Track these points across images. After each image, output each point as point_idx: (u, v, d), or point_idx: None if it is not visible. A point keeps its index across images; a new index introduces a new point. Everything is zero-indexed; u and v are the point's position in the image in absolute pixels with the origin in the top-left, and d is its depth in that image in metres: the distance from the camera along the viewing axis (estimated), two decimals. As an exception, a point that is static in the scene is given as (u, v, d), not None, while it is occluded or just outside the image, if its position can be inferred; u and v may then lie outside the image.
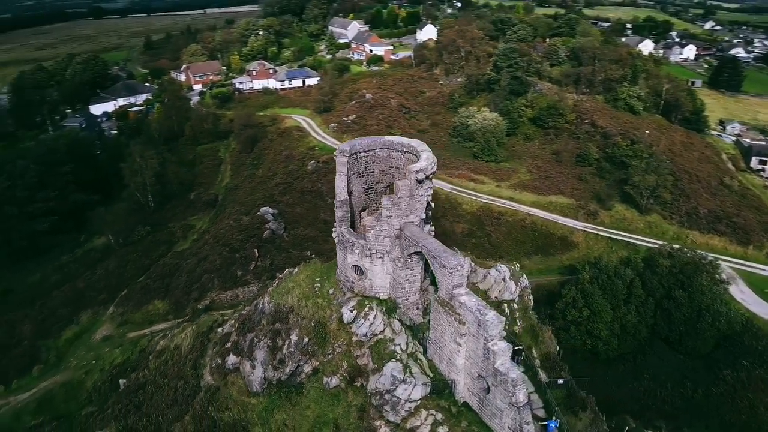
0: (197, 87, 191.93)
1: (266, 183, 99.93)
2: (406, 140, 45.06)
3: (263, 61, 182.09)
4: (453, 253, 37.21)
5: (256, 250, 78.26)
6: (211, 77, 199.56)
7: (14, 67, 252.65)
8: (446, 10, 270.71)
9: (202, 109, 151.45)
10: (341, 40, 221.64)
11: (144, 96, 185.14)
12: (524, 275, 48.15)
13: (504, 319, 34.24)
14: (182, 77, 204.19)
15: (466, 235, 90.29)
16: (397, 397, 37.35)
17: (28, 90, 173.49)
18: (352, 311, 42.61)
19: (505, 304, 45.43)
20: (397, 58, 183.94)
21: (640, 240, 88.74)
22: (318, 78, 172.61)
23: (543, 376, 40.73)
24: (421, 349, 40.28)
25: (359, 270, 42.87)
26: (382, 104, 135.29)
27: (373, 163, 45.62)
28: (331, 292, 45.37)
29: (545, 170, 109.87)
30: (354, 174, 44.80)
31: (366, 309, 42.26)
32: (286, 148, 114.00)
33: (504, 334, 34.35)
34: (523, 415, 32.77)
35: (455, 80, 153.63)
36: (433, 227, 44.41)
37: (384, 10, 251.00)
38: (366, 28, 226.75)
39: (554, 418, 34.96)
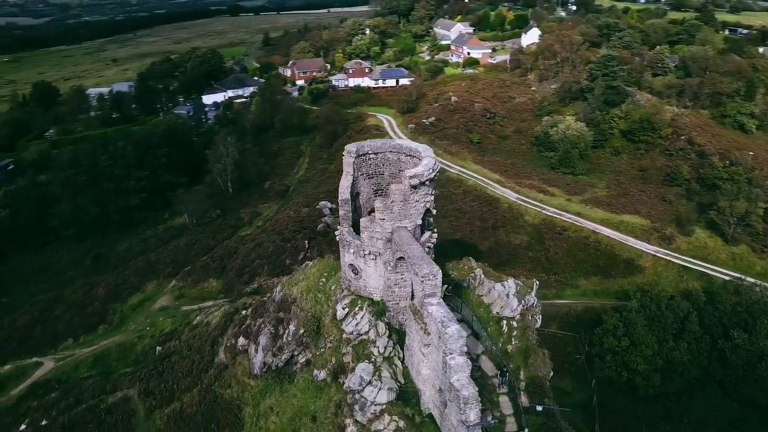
0: (300, 83, 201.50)
1: (334, 178, 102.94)
2: (414, 144, 44.97)
3: (360, 60, 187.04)
4: (429, 262, 36.74)
5: (306, 241, 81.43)
6: (314, 74, 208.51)
7: (153, 58, 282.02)
8: (559, 13, 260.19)
9: (296, 104, 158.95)
10: (443, 42, 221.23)
11: (250, 89, 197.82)
12: (532, 293, 45.95)
13: (465, 334, 33.31)
14: (288, 73, 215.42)
15: (523, 248, 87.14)
16: (365, 398, 37.70)
17: (154, 79, 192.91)
18: (344, 309, 43.46)
19: (505, 321, 43.90)
20: (494, 62, 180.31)
21: (720, 272, 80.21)
22: (412, 78, 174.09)
23: (524, 399, 39.01)
24: (402, 355, 40.21)
25: (355, 269, 43.60)
26: (465, 108, 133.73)
27: (383, 165, 45.97)
28: (332, 288, 46.55)
29: (626, 187, 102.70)
30: (362, 175, 45.46)
31: (356, 308, 42.90)
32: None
33: (465, 349, 33.40)
34: (473, 435, 31.80)
35: (548, 87, 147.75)
36: (435, 234, 43.80)
37: (492, 12, 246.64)
38: (470, 30, 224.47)
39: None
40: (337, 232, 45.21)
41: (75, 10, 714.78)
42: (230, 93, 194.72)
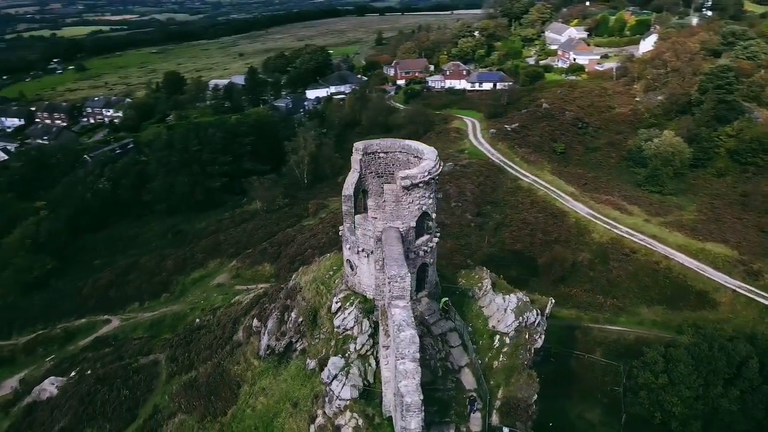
0: (401, 82, 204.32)
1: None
2: (421, 146, 44.36)
3: (458, 62, 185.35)
4: (401, 264, 36.19)
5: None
6: (416, 74, 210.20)
7: (274, 53, 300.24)
8: (692, 19, 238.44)
9: (387, 103, 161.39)
10: (552, 46, 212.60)
11: (351, 86, 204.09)
12: (534, 312, 43.41)
13: (418, 341, 32.54)
14: (391, 72, 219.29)
15: (584, 266, 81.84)
16: (333, 392, 38.20)
17: (268, 72, 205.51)
18: (337, 303, 44.18)
19: (498, 336, 42.11)
20: (601, 69, 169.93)
21: (815, 318, 69.85)
22: (510, 83, 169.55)
23: (495, 419, 37.23)
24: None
25: (351, 265, 44.09)
26: (554, 115, 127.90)
27: (393, 164, 45.80)
28: (336, 282, 47.40)
29: (719, 212, 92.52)
30: (371, 173, 45.68)
31: (348, 304, 43.41)
32: (438, 148, 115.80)
33: (417, 356, 32.66)
34: (412, 445, 31.14)
35: (654, 98, 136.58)
36: (436, 238, 43.02)
37: (611, 17, 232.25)
38: (583, 35, 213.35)
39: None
40: (341, 228, 45.99)
41: (225, 8, 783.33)
42: (332, 89, 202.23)
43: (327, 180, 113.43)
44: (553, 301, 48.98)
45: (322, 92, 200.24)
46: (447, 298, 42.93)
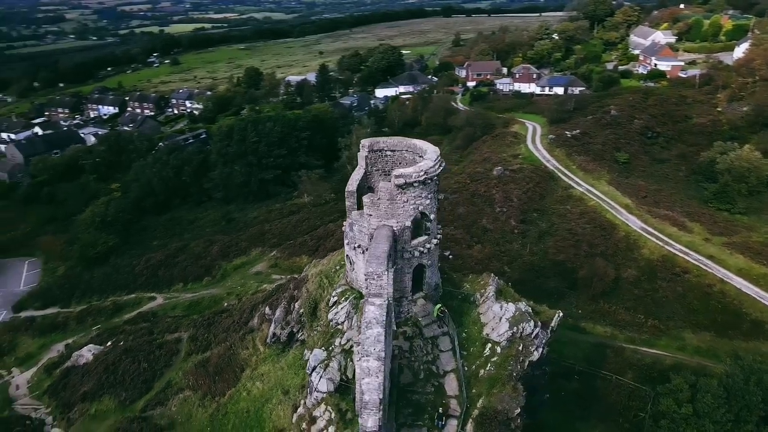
0: (471, 84, 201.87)
1: (449, 179, 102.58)
2: (426, 146, 43.80)
3: (528, 65, 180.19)
4: (380, 263, 36.07)
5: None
6: (487, 76, 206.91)
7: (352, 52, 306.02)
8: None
9: (454, 105, 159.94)
10: (635, 51, 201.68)
11: (421, 86, 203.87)
12: (532, 323, 41.58)
13: (382, 339, 32.32)
14: (463, 73, 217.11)
15: (628, 283, 77.22)
16: (312, 383, 38.68)
17: (340, 70, 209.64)
18: (334, 297, 44.64)
19: (489, 344, 40.86)
20: (685, 76, 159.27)
21: None
22: (582, 88, 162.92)
23: (470, 428, 36.14)
24: (365, 352, 40.03)
25: (350, 261, 44.34)
26: (621, 123, 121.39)
27: (399, 163, 45.54)
28: (340, 276, 47.86)
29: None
30: (377, 171, 45.71)
31: (343, 298, 43.72)
32: (492, 151, 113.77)
33: (382, 355, 32.48)
34: (368, 443, 31.10)
35: (738, 109, 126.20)
36: (435, 240, 42.39)
37: (706, 21, 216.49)
38: (671, 39, 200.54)
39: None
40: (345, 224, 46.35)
41: (319, 7, 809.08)
42: (401, 89, 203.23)
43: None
44: (561, 314, 46.58)
45: (390, 91, 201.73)
46: (441, 305, 42.17)
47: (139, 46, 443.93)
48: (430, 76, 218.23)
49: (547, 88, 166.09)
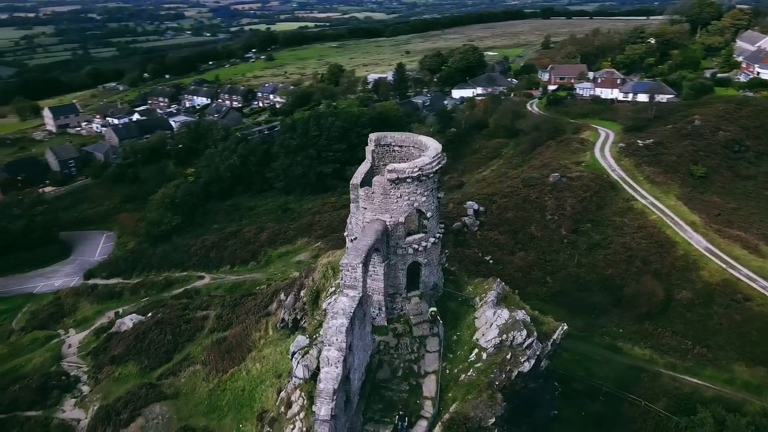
0: (552, 87, 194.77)
1: (503, 182, 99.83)
2: (430, 142, 43.06)
3: (612, 70, 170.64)
4: (357, 254, 36.00)
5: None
6: (571, 80, 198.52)
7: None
8: None
9: (529, 109, 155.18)
10: (739, 58, 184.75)
11: (498, 88, 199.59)
12: (524, 332, 39.66)
13: (344, 330, 32.29)
14: (545, 77, 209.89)
15: (681, 306, 71.44)
16: (292, 368, 39.38)
17: (423, 69, 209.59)
18: (332, 288, 45.11)
19: (476, 350, 39.58)
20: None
21: None
22: (670, 95, 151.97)
23: (436, 431, 35.19)
24: (349, 344, 40.17)
25: (349, 253, 44.59)
26: (703, 134, 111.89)
27: (406, 159, 45.05)
28: (345, 268, 48.19)
29: None
30: (384, 165, 45.32)
31: (338, 289, 43.98)
32: (554, 157, 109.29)
33: (343, 345, 32.53)
34: (319, 429, 31.44)
35: None
36: (434, 239, 41.76)
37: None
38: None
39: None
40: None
41: (420, 8, 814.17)
42: (479, 90, 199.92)
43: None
44: (565, 326, 44.02)
45: (467, 92, 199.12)
46: (435, 309, 41.35)
47: (241, 42, 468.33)
48: (510, 79, 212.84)
49: (630, 95, 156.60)
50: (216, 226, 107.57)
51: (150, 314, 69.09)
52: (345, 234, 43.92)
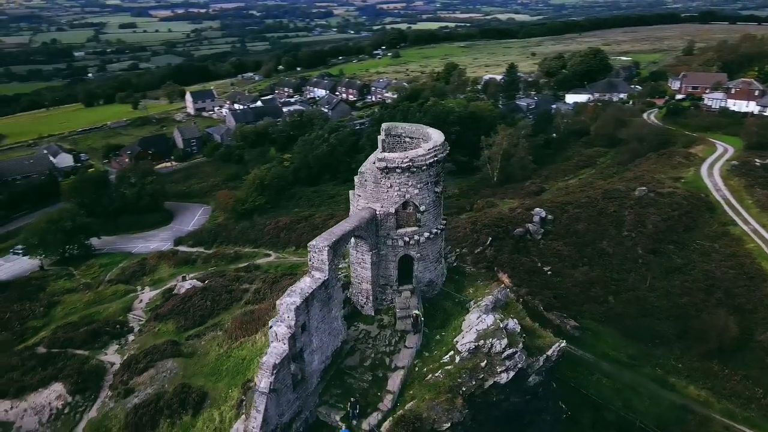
0: (680, 96, 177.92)
1: (585, 192, 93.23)
2: (436, 135, 41.87)
3: (751, 80, 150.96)
4: (328, 238, 36.27)
5: (490, 238, 79.33)
6: (705, 89, 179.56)
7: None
8: None
9: (644, 118, 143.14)
10: None
11: (620, 95, 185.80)
12: (505, 342, 37.18)
13: (293, 309, 32.75)
14: (676, 85, 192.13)
15: (763, 347, 62.17)
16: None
17: (543, 72, 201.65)
18: (335, 273, 45.55)
19: (453, 351, 37.99)
20: None
21: None
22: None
23: (385, 425, 34.36)
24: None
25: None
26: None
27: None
28: (349, 257, 48.60)
29: None
30: (396, 155, 44.93)
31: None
32: (650, 170, 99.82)
33: (292, 323, 33.12)
34: (257, 400, 32.55)
35: None
36: (428, 233, 40.91)
37: None
38: None
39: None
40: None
41: (568, 10, 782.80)
42: (596, 95, 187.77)
43: (515, 182, 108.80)
44: (563, 343, 40.51)
45: (582, 98, 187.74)
46: (418, 312, 40.29)
47: (371, 39, 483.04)
48: (633, 86, 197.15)
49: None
50: (296, 210, 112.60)
51: (207, 281, 74.51)
52: (346, 221, 44.04)
